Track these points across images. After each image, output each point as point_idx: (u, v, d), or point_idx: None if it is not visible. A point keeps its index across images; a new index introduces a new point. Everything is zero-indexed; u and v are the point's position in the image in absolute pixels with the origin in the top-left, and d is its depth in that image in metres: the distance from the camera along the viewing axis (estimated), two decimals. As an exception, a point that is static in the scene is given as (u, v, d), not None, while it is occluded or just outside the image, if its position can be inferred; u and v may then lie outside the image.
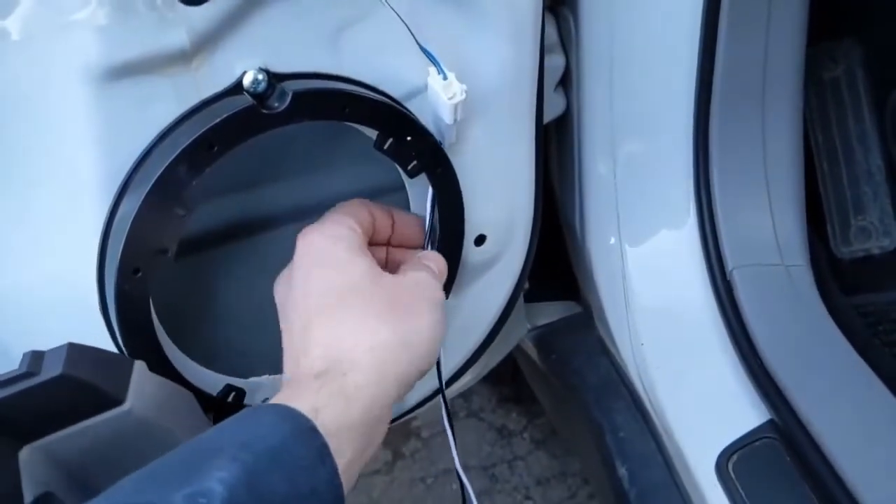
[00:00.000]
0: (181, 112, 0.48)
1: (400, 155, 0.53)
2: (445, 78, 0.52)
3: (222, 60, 0.48)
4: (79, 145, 0.47)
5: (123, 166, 0.48)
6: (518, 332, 0.88)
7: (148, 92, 0.47)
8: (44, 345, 0.43)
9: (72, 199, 0.48)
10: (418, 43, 0.51)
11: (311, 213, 0.58)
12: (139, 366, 0.44)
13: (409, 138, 0.53)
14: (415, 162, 0.54)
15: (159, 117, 0.48)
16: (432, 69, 0.52)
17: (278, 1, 0.49)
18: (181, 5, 0.45)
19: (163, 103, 0.48)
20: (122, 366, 0.43)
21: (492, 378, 1.31)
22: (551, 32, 0.74)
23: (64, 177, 0.48)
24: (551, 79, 0.74)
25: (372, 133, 0.52)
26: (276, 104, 0.48)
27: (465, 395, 1.45)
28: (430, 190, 0.56)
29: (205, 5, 0.46)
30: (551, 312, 0.92)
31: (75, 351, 0.40)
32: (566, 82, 0.76)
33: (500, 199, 0.62)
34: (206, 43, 0.47)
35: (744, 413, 0.65)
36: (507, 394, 1.46)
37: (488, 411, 1.46)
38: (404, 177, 0.55)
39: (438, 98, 0.52)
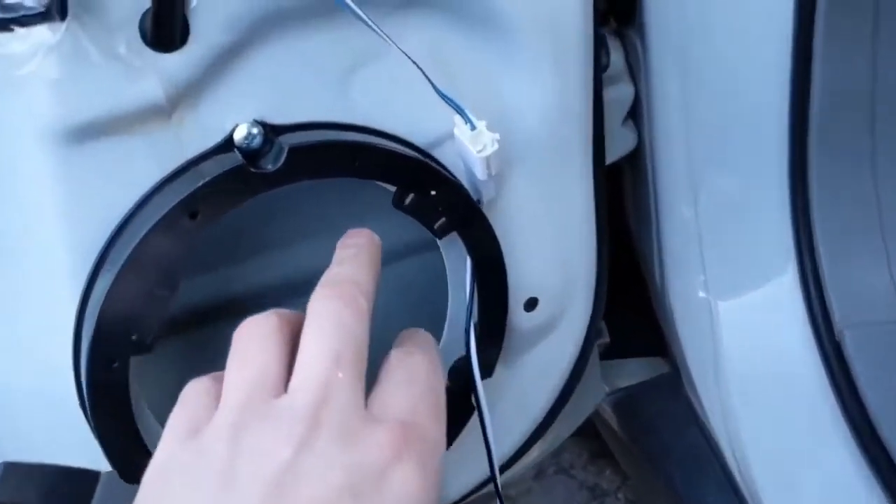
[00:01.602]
0: (162, 175, 0.41)
1: (424, 212, 0.45)
2: (473, 128, 0.44)
3: (209, 113, 0.42)
4: (46, 219, 0.41)
5: (99, 241, 0.41)
6: (594, 397, 0.78)
7: (121, 154, 0.41)
8: (21, 437, 0.37)
9: (44, 279, 0.42)
10: (437, 89, 0.43)
11: (305, 288, 0.51)
12: (106, 480, 0.38)
13: (433, 192, 0.45)
14: (443, 219, 0.46)
15: (137, 183, 0.41)
16: (458, 118, 0.44)
17: (274, 40, 0.42)
18: (150, 52, 0.39)
19: (141, 166, 0.41)
20: (80, 484, 0.36)
21: (582, 431, 1.21)
22: (617, 60, 0.65)
23: (34, 255, 0.42)
24: (618, 111, 0.65)
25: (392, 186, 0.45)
26: (269, 165, 0.41)
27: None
28: (469, 261, 0.48)
29: (180, 51, 0.39)
30: (633, 372, 0.82)
31: (10, 472, 0.33)
32: (636, 114, 0.66)
33: (552, 257, 0.53)
34: (187, 94, 0.41)
35: (859, 504, 0.54)
36: (599, 449, 1.35)
37: (579, 468, 1.35)
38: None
39: (467, 151, 0.44)
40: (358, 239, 0.41)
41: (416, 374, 0.37)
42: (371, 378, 0.37)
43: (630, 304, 0.77)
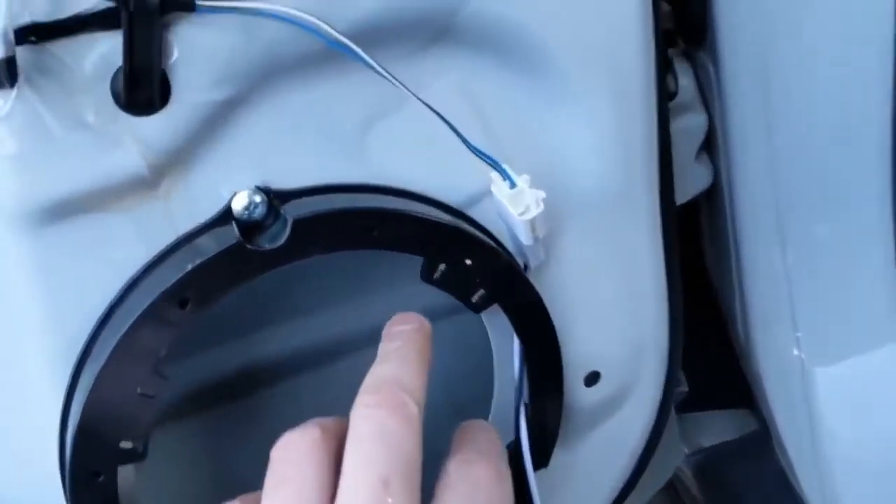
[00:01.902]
0: (150, 257, 0.36)
1: (459, 285, 0.39)
2: (514, 185, 0.37)
3: (202, 181, 0.36)
4: (21, 311, 0.35)
5: (81, 334, 0.36)
6: (671, 460, 0.69)
7: (103, 234, 0.35)
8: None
9: (25, 380, 0.37)
10: (467, 142, 0.37)
11: (339, 356, 0.46)
12: None
13: (468, 262, 0.38)
14: (481, 291, 0.39)
15: (123, 265, 0.36)
16: (495, 174, 0.37)
17: (274, 94, 0.36)
18: (126, 116, 0.33)
19: (126, 247, 0.35)
20: None
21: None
22: (687, 85, 0.57)
23: (12, 352, 0.36)
24: (690, 144, 0.57)
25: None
26: (267, 242, 0.34)
27: None
28: (517, 341, 0.41)
29: (162, 113, 0.33)
30: (717, 429, 0.73)
31: None
32: (711, 146, 0.58)
33: (615, 323, 0.46)
34: (174, 161, 0.35)
35: None
36: None
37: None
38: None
39: (508, 213, 0.37)
40: (404, 327, 0.36)
41: (480, 492, 0.34)
42: (424, 481, 0.32)
43: (711, 347, 0.69)
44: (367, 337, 0.52)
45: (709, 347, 0.69)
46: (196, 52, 0.33)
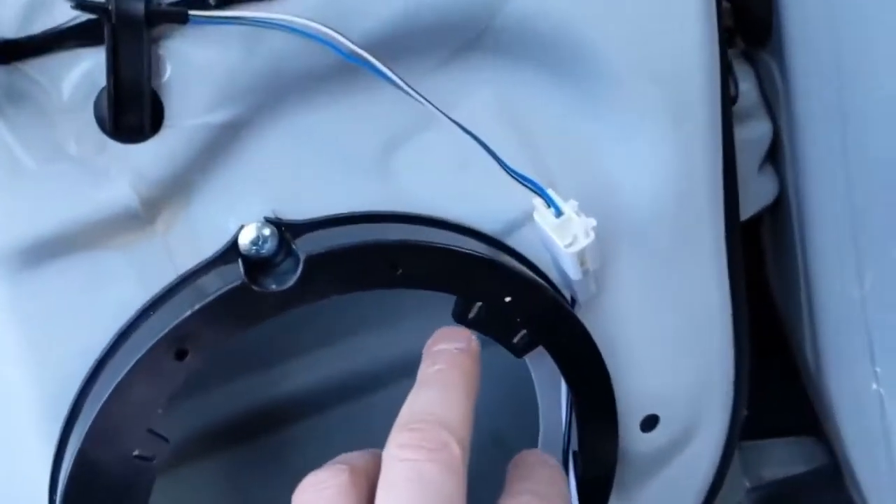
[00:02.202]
0: (147, 299, 0.32)
1: (496, 326, 0.34)
2: (560, 213, 0.32)
3: (204, 213, 0.32)
4: (6, 361, 0.32)
5: (72, 386, 0.32)
6: (730, 497, 0.64)
7: (94, 275, 0.31)
8: None
9: (12, 439, 0.33)
10: (506, 166, 0.32)
11: (368, 390, 0.43)
12: None
13: (508, 299, 0.33)
14: (523, 332, 0.34)
15: (117, 310, 0.32)
16: (538, 200, 0.33)
17: (284, 114, 0.32)
18: (113, 144, 0.29)
19: (120, 288, 0.31)
20: None
21: None
22: (749, 90, 0.52)
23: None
24: (753, 155, 0.52)
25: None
26: (274, 284, 0.30)
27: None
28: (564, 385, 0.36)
29: (154, 140, 0.29)
30: (781, 459, 0.67)
31: None
32: (776, 156, 0.53)
33: (675, 361, 0.41)
34: (171, 193, 0.31)
35: None
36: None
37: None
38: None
39: (553, 244, 0.33)
40: (448, 345, 0.31)
41: None
42: None
43: (773, 367, 0.63)
44: (399, 369, 0.48)
45: (770, 368, 0.64)
46: (191, 70, 0.29)
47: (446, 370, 0.31)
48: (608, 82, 0.35)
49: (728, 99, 0.42)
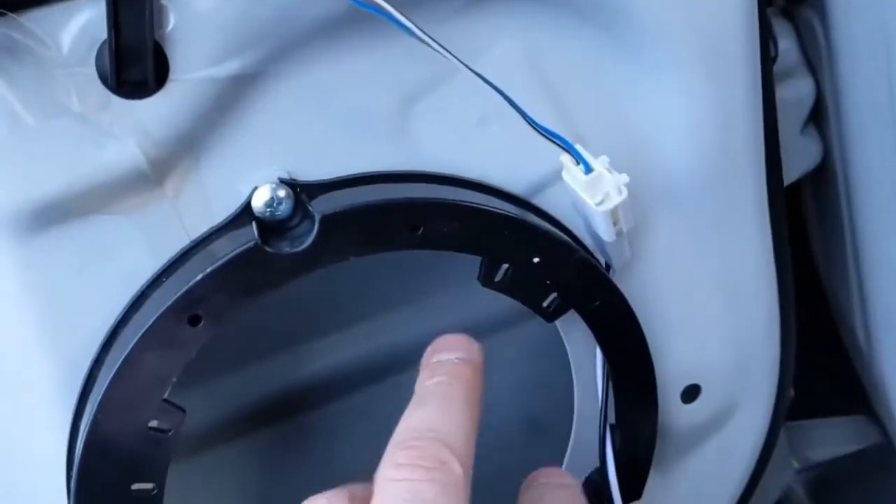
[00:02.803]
0: (158, 264, 0.30)
1: (525, 290, 0.32)
2: (589, 170, 0.30)
3: (216, 174, 0.30)
4: (15, 332, 0.30)
5: (85, 357, 0.31)
6: (779, 478, 0.61)
7: (100, 241, 0.30)
8: None
9: (29, 412, 0.32)
10: (531, 120, 0.30)
11: (392, 373, 0.41)
12: None
13: (536, 260, 0.32)
14: (554, 295, 0.33)
15: (127, 277, 0.30)
16: (566, 157, 0.31)
17: (296, 66, 0.30)
18: (118, 100, 0.27)
19: (128, 255, 0.30)
20: None
21: None
22: (789, 48, 0.50)
23: (12, 382, 0.31)
24: (795, 117, 0.50)
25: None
26: (288, 246, 0.28)
27: None
28: (599, 353, 0.34)
29: (157, 96, 0.28)
30: (831, 439, 0.64)
31: None
32: (819, 117, 0.50)
33: (716, 328, 0.39)
34: (180, 152, 0.29)
35: None
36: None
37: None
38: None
39: (583, 203, 0.31)
40: (448, 356, 0.30)
41: None
42: None
43: (820, 344, 0.61)
44: (423, 350, 0.47)
45: (818, 345, 0.61)
46: (196, 20, 0.27)
47: (446, 383, 0.29)
48: (641, 31, 0.33)
49: (768, 55, 0.40)
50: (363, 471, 0.47)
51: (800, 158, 0.51)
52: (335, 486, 0.41)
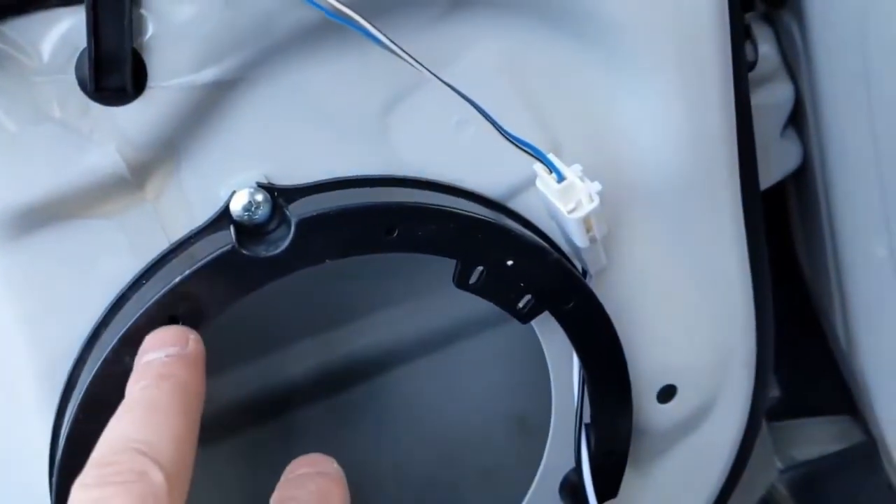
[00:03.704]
0: (139, 266, 0.31)
1: (499, 291, 0.33)
2: (562, 178, 0.31)
3: (195, 178, 0.31)
4: (3, 331, 0.31)
5: (67, 357, 0.31)
6: (762, 477, 0.62)
7: (83, 244, 0.30)
8: None
9: (11, 409, 0.32)
10: (503, 130, 0.31)
11: (374, 373, 0.42)
12: None
13: (510, 263, 0.32)
14: (528, 297, 0.33)
15: (111, 278, 0.31)
16: (539, 165, 0.31)
17: (275, 73, 0.31)
18: (97, 107, 0.28)
19: (111, 257, 0.31)
20: None
21: None
22: (769, 52, 0.50)
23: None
24: (774, 120, 0.50)
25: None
26: (264, 250, 0.29)
27: None
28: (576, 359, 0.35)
29: (137, 102, 0.29)
30: (815, 439, 0.65)
31: None
32: (799, 120, 0.51)
33: (692, 330, 0.39)
34: (160, 157, 0.30)
35: None
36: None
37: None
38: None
39: (557, 210, 0.31)
40: (157, 354, 0.27)
41: None
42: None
43: (804, 345, 0.61)
44: (413, 348, 0.47)
45: (802, 346, 0.62)
46: (173, 28, 0.28)
47: (153, 385, 0.26)
48: (616, 39, 0.34)
49: (742, 60, 0.41)
50: (346, 469, 0.47)
51: (780, 160, 0.52)
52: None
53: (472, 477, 0.48)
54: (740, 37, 0.39)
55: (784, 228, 0.61)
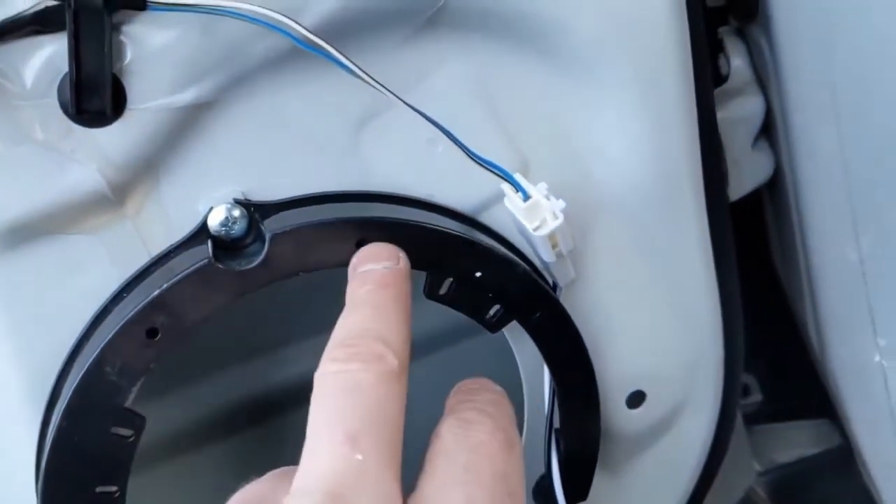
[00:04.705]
0: (121, 282, 0.32)
1: (469, 302, 0.34)
2: (527, 196, 0.32)
3: (175, 195, 0.32)
4: (-14, 344, 0.32)
5: (52, 367, 0.33)
6: (741, 479, 0.63)
7: (69, 258, 0.32)
8: None
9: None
10: (469, 152, 0.32)
11: None
12: None
13: (478, 274, 0.34)
14: (497, 307, 0.35)
15: (93, 292, 0.32)
16: (506, 185, 0.33)
17: (250, 94, 0.32)
18: (78, 129, 0.30)
19: (93, 272, 0.32)
20: None
21: None
22: (741, 66, 0.51)
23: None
24: (746, 131, 0.51)
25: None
26: (239, 264, 0.30)
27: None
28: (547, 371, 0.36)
29: (117, 124, 0.30)
30: (794, 442, 0.66)
31: None
32: (770, 131, 0.52)
33: (659, 338, 0.41)
34: (140, 175, 0.31)
35: None
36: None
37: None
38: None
39: (524, 228, 0.33)
40: (374, 266, 0.30)
41: (482, 459, 0.26)
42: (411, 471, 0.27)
43: (786, 351, 0.63)
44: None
45: (783, 351, 0.63)
46: (150, 53, 0.29)
47: (376, 290, 0.29)
48: (578, 54, 0.35)
49: (706, 74, 0.42)
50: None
51: (753, 171, 0.53)
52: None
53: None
54: (704, 51, 0.40)
55: (763, 236, 0.62)
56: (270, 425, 0.47)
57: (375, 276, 0.29)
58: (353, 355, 0.26)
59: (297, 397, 0.46)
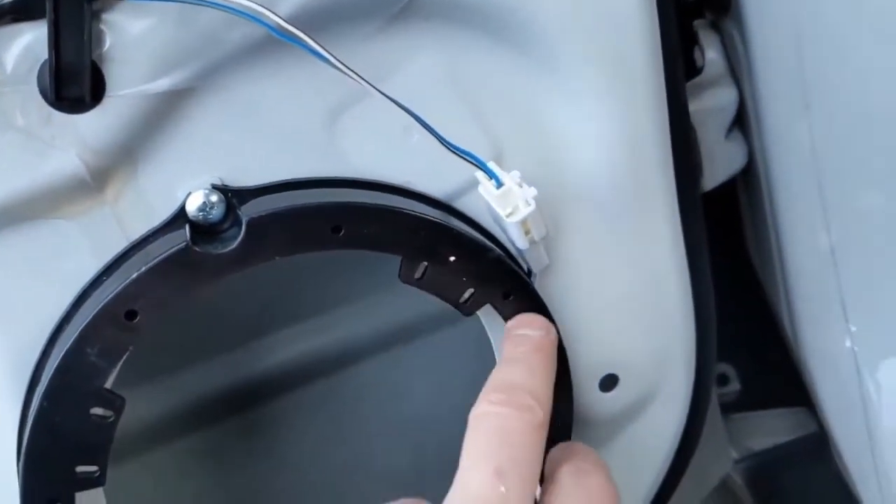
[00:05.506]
0: (100, 267, 0.33)
1: (443, 286, 0.35)
2: (500, 184, 0.33)
3: (153, 181, 0.33)
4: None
5: (33, 350, 0.33)
6: (717, 467, 0.64)
7: (50, 243, 0.32)
8: None
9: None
10: (443, 140, 0.33)
11: (340, 366, 0.42)
12: None
13: (452, 259, 0.34)
14: (471, 291, 0.35)
15: (73, 276, 0.33)
16: (480, 173, 0.34)
17: (228, 82, 0.33)
18: (58, 115, 0.30)
19: (75, 256, 0.33)
20: None
21: None
22: (716, 58, 0.52)
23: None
24: (720, 122, 0.52)
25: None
26: (216, 247, 0.31)
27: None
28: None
29: (96, 110, 0.31)
30: (771, 429, 0.67)
31: None
32: (743, 122, 0.53)
33: (632, 323, 0.42)
34: (118, 161, 0.32)
35: None
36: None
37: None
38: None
39: (497, 215, 0.34)
40: (531, 332, 0.35)
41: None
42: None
43: (764, 339, 0.64)
44: (376, 343, 0.49)
45: (761, 339, 0.64)
46: (129, 41, 0.30)
47: (531, 352, 0.34)
48: (543, 45, 0.36)
49: (677, 65, 0.43)
50: (315, 462, 0.49)
51: (726, 161, 0.54)
52: (287, 477, 0.44)
53: (436, 466, 0.50)
54: (674, 43, 0.41)
55: (741, 227, 0.63)
56: (250, 414, 0.47)
57: (533, 340, 0.35)
58: (506, 401, 0.31)
59: (275, 386, 0.47)
